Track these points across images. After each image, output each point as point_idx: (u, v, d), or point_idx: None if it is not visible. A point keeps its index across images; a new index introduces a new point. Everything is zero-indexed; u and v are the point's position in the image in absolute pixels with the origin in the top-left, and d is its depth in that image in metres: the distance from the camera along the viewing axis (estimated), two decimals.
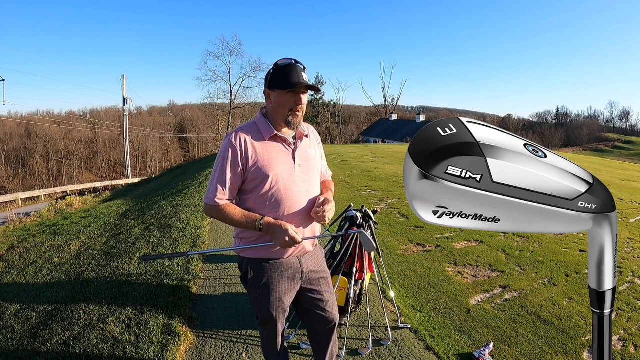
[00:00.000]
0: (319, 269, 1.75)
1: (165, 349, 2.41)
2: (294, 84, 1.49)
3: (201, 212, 5.78)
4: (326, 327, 1.82)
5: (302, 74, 1.51)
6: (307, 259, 1.68)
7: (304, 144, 1.64)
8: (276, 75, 1.52)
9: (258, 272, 1.63)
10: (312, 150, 1.67)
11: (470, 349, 2.45)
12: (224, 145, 1.56)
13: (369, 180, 8.10)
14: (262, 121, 1.60)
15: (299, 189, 1.58)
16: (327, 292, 1.78)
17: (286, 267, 1.63)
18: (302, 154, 1.62)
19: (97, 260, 4.09)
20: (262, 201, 1.56)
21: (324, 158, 1.80)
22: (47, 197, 19.57)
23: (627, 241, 4.60)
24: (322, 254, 1.83)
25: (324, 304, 1.76)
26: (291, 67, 1.50)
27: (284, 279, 1.63)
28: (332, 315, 1.80)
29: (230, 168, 1.53)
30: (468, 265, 3.76)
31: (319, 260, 1.77)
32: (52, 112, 66.32)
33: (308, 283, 1.71)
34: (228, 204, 1.57)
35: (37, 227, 6.73)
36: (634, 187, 8.69)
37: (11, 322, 2.88)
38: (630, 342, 2.56)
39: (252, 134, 1.57)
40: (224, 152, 1.54)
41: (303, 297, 1.75)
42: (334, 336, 1.88)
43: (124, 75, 28.15)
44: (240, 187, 1.59)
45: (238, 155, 1.52)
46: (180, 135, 56.68)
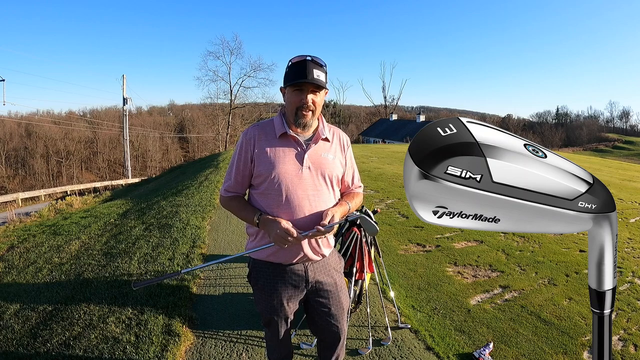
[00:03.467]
0: (328, 280, 1.66)
1: (165, 349, 2.40)
2: (298, 80, 1.45)
3: (201, 212, 5.78)
4: (330, 338, 1.77)
5: (313, 70, 1.44)
6: (315, 268, 1.62)
7: (319, 146, 1.57)
8: (287, 73, 1.50)
9: (261, 273, 1.61)
10: (330, 155, 1.59)
11: (470, 349, 2.45)
12: (240, 140, 1.60)
13: (369, 180, 8.10)
14: (278, 119, 1.59)
15: (304, 192, 1.53)
16: (335, 306, 1.69)
17: (289, 274, 1.59)
18: (314, 156, 1.55)
19: (97, 260, 4.09)
20: (267, 198, 1.54)
21: (351, 167, 1.70)
22: (47, 197, 19.57)
23: (627, 241, 4.60)
24: (336, 265, 1.74)
25: (330, 317, 1.69)
26: (301, 64, 1.46)
27: (286, 285, 1.60)
28: (337, 328, 1.73)
29: (240, 162, 1.56)
30: (468, 265, 3.76)
31: (329, 271, 1.68)
32: (52, 112, 66.37)
33: (314, 293, 1.65)
34: (235, 196, 1.59)
35: (37, 227, 6.72)
36: (634, 187, 8.69)
37: (11, 322, 2.88)
38: (630, 342, 2.56)
39: (266, 130, 1.57)
40: (238, 147, 1.58)
41: (310, 307, 1.70)
42: (339, 347, 1.82)
43: (124, 75, 28.17)
44: (251, 183, 1.60)
45: (247, 151, 1.54)
46: (180, 135, 56.68)
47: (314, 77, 1.45)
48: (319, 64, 1.48)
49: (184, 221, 5.26)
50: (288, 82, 1.49)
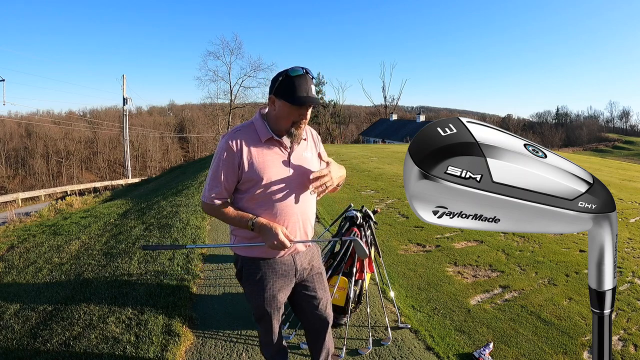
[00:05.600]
0: (313, 265, 1.75)
1: (165, 349, 2.41)
2: (302, 100, 1.45)
3: (201, 212, 5.78)
4: (319, 325, 1.83)
5: (311, 87, 1.48)
6: (301, 256, 1.69)
7: (300, 147, 1.63)
8: (285, 85, 1.46)
9: (251, 269, 1.65)
10: (309, 153, 1.66)
11: (470, 349, 2.45)
12: (220, 145, 1.55)
13: (369, 180, 8.10)
14: (260, 123, 1.58)
15: (292, 192, 1.59)
16: (321, 290, 1.78)
17: (279, 265, 1.65)
18: (298, 157, 1.61)
19: (97, 260, 4.09)
20: (256, 202, 1.57)
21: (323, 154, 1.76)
22: (47, 197, 19.57)
23: (627, 241, 4.60)
24: (317, 251, 1.83)
25: (317, 301, 1.77)
26: (301, 80, 1.45)
27: (277, 275, 1.65)
28: (325, 313, 1.80)
29: (225, 169, 1.53)
30: (468, 265, 3.76)
31: (314, 257, 1.77)
32: (52, 112, 66.46)
33: (302, 280, 1.73)
34: (223, 202, 1.58)
35: (37, 227, 6.72)
36: (634, 187, 8.69)
37: (11, 322, 2.88)
38: (630, 342, 2.56)
39: (249, 135, 1.56)
40: (220, 153, 1.54)
41: (297, 295, 1.76)
42: (329, 334, 1.88)
43: (124, 75, 28.18)
44: (236, 187, 1.60)
45: (233, 157, 1.52)
46: (180, 135, 56.69)
47: (314, 93, 1.49)
48: (313, 78, 1.51)
49: (184, 221, 5.26)
50: (288, 98, 1.46)
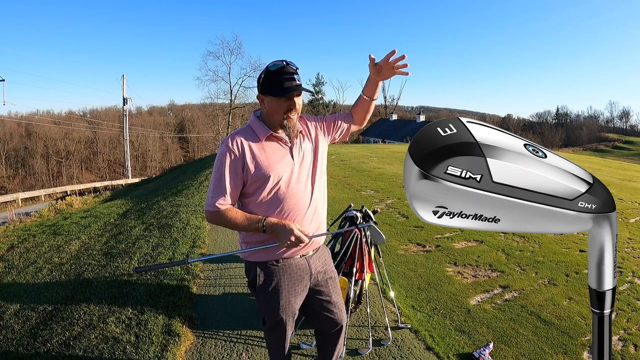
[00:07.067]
0: (326, 269, 1.74)
1: (165, 349, 2.40)
2: (286, 90, 1.45)
3: (201, 212, 5.77)
4: (333, 329, 1.80)
5: (294, 76, 1.47)
6: (315, 260, 1.67)
7: (299, 139, 1.62)
8: (267, 81, 1.48)
9: (267, 275, 1.60)
10: (308, 143, 1.64)
11: (470, 349, 2.45)
12: (221, 150, 1.53)
13: (369, 180, 8.10)
14: (256, 123, 1.58)
15: (300, 186, 1.57)
16: (335, 294, 1.76)
17: (294, 269, 1.61)
18: (299, 150, 1.60)
19: (97, 260, 4.09)
20: (265, 202, 1.53)
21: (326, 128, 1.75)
22: (47, 197, 19.56)
23: (627, 241, 4.60)
24: (328, 254, 1.82)
25: (332, 305, 1.74)
26: (282, 71, 1.45)
27: (293, 281, 1.62)
28: (339, 317, 1.79)
29: (229, 173, 1.49)
30: (468, 265, 3.76)
31: (326, 260, 1.76)
32: (52, 112, 66.39)
33: (316, 285, 1.70)
34: (229, 208, 1.52)
35: (37, 227, 6.72)
36: (634, 187, 8.69)
37: (11, 322, 2.88)
38: (630, 342, 2.56)
39: (248, 137, 1.55)
40: (222, 158, 1.50)
41: (311, 299, 1.73)
42: (341, 337, 1.86)
43: (124, 75, 28.17)
44: (242, 191, 1.56)
45: (236, 160, 1.49)
46: (180, 135, 56.67)
47: (299, 81, 1.48)
48: (295, 67, 1.50)
49: (184, 221, 5.26)
50: (273, 91, 1.47)
